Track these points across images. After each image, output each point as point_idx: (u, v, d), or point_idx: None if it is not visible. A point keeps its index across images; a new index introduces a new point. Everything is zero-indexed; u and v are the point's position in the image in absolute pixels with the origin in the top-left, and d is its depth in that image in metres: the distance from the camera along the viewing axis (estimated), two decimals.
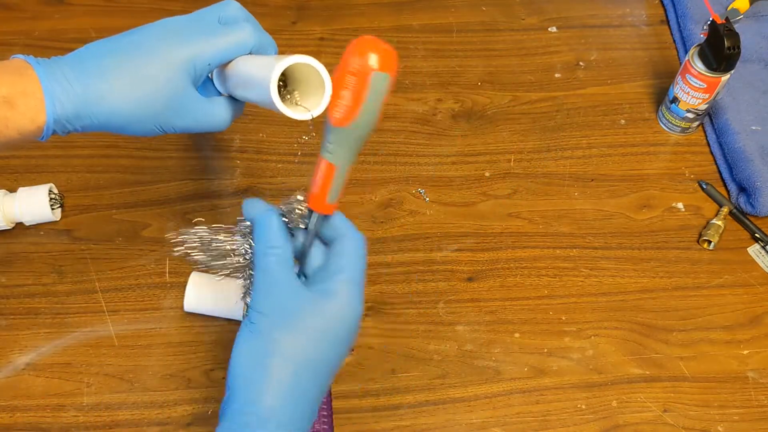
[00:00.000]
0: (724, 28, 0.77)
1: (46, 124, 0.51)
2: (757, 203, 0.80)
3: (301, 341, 0.48)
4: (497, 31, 0.96)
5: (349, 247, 0.52)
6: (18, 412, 0.67)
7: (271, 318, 0.48)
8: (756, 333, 0.74)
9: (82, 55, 0.54)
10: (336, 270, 0.51)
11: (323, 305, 0.49)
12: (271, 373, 0.47)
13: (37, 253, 0.75)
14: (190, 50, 0.54)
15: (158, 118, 0.54)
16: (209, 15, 0.57)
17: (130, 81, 0.53)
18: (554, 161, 0.85)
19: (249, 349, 0.48)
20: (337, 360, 0.50)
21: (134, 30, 0.55)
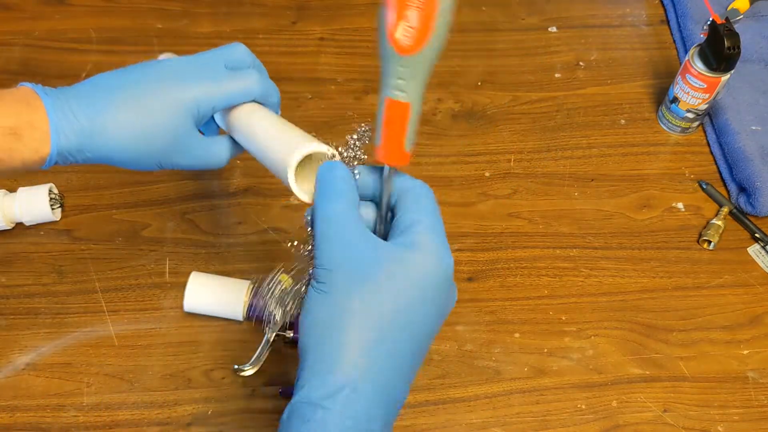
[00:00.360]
0: (724, 28, 0.77)
1: (49, 155, 0.52)
2: (757, 203, 0.80)
3: (383, 298, 0.42)
4: (497, 31, 0.96)
5: (422, 197, 0.46)
6: (18, 412, 0.67)
7: (343, 273, 0.43)
8: (756, 333, 0.74)
9: (89, 87, 0.54)
10: (412, 222, 0.45)
11: (405, 256, 0.43)
12: (350, 335, 0.41)
13: (37, 253, 0.75)
14: (195, 93, 0.55)
15: (160, 155, 0.55)
16: (216, 58, 0.57)
17: (135, 119, 0.53)
18: (554, 161, 0.85)
19: (320, 311, 0.43)
20: (431, 319, 0.44)
21: (142, 66, 0.56)
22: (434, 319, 0.45)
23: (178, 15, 0.94)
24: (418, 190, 0.47)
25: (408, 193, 0.47)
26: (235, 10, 0.95)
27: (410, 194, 0.46)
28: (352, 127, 0.86)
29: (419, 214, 0.45)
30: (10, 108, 0.51)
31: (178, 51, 0.90)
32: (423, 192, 0.47)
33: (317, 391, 0.41)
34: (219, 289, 0.71)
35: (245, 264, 0.75)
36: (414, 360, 0.44)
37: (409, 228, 0.45)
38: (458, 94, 0.90)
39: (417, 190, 0.47)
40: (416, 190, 0.47)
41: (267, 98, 0.59)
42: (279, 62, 0.91)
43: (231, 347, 0.71)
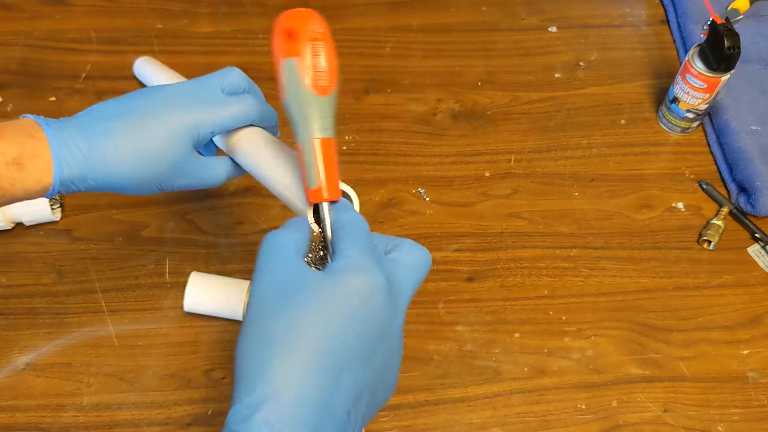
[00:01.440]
0: (724, 28, 0.77)
1: (52, 185, 0.53)
2: (757, 203, 0.80)
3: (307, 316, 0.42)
4: (497, 31, 0.96)
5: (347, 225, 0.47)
6: (18, 412, 0.67)
7: (271, 299, 0.43)
8: (756, 333, 0.74)
9: (89, 117, 0.55)
10: (340, 251, 0.46)
11: (327, 279, 0.43)
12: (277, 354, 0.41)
13: (37, 253, 0.75)
14: (194, 118, 0.55)
15: (160, 179, 0.56)
16: (213, 83, 0.58)
17: (135, 146, 0.54)
18: (554, 161, 0.85)
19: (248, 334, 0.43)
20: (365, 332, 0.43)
21: (139, 93, 0.57)
22: (369, 334, 0.44)
23: (178, 15, 0.94)
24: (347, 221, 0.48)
25: (340, 227, 0.48)
26: (235, 10, 0.95)
27: (341, 226, 0.48)
28: (352, 128, 0.86)
29: (346, 242, 0.46)
30: (13, 139, 0.52)
31: (178, 51, 0.91)
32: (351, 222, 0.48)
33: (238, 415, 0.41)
34: (219, 289, 0.71)
35: (245, 264, 0.75)
36: (353, 374, 0.43)
37: (336, 256, 0.45)
38: (458, 94, 0.90)
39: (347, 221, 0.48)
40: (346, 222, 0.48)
41: (265, 122, 0.60)
42: None
43: (231, 347, 0.71)
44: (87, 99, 0.86)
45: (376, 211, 0.80)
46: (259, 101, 0.60)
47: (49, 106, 0.85)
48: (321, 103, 0.48)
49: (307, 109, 0.48)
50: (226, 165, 0.60)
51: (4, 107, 0.85)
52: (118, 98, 0.56)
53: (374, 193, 0.81)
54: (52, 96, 0.86)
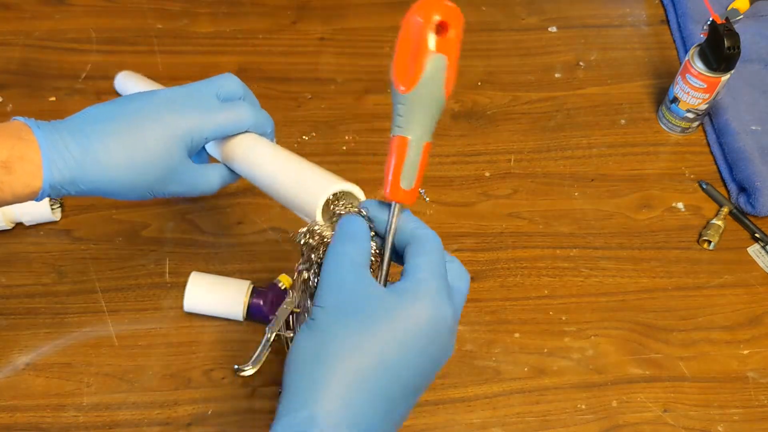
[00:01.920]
0: (724, 28, 0.77)
1: (41, 189, 0.52)
2: (757, 203, 0.80)
3: (369, 340, 0.42)
4: (497, 31, 0.96)
5: (427, 244, 0.46)
6: (18, 412, 0.67)
7: (333, 313, 0.43)
8: (756, 333, 0.74)
9: (81, 120, 0.54)
10: (412, 269, 0.45)
11: (396, 302, 0.43)
12: (328, 375, 0.41)
13: (37, 253, 0.75)
14: (188, 124, 0.55)
15: (152, 185, 0.55)
16: (208, 89, 0.58)
17: (127, 151, 0.53)
18: (554, 161, 0.85)
19: (306, 346, 0.43)
20: (420, 369, 0.43)
21: (133, 97, 0.56)
22: (424, 369, 0.44)
23: (178, 15, 0.94)
24: (423, 236, 0.47)
25: (414, 239, 0.47)
26: (235, 10, 0.95)
27: (416, 240, 0.46)
28: (352, 128, 0.86)
29: (420, 262, 0.45)
30: (2, 142, 0.51)
31: (178, 51, 0.91)
32: (429, 239, 0.46)
33: (288, 429, 0.41)
34: (219, 289, 0.71)
35: (245, 264, 0.75)
36: (397, 406, 0.43)
37: (408, 275, 0.45)
38: (458, 94, 0.90)
39: (423, 236, 0.47)
40: (422, 237, 0.47)
41: (260, 129, 0.59)
42: (279, 62, 0.91)
43: (231, 347, 0.71)
44: (87, 99, 0.86)
45: None
46: (254, 108, 0.59)
47: (49, 106, 0.85)
48: (442, 106, 0.47)
49: (433, 108, 0.46)
50: (220, 171, 0.60)
51: (4, 107, 0.85)
52: (111, 101, 0.55)
53: (374, 193, 0.81)
54: (52, 96, 0.86)
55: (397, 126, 0.47)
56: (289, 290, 0.65)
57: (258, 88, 0.88)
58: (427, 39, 0.44)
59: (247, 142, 0.58)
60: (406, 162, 0.47)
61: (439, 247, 0.46)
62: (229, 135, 0.58)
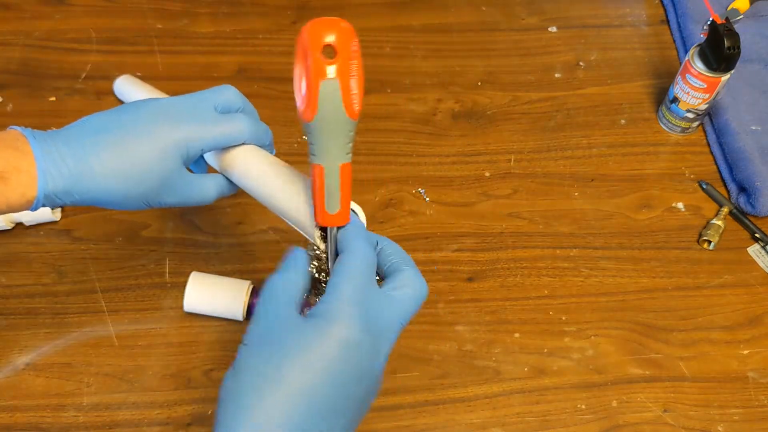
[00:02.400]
0: (724, 28, 0.77)
1: (36, 199, 0.52)
2: (757, 203, 0.80)
3: (283, 370, 0.43)
4: (497, 31, 0.96)
5: (345, 262, 0.47)
6: (18, 412, 0.67)
7: (251, 347, 0.45)
8: (756, 333, 0.74)
9: (77, 130, 0.54)
10: (329, 289, 0.46)
11: (306, 332, 0.44)
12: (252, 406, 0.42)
13: (37, 253, 0.75)
14: (184, 135, 0.54)
15: (147, 195, 0.55)
16: (206, 100, 0.57)
17: (123, 162, 0.53)
18: (554, 161, 0.85)
19: (227, 384, 0.45)
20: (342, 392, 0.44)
21: (130, 107, 0.55)
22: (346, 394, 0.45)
23: (178, 15, 0.94)
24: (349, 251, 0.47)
25: (342, 254, 0.47)
26: (235, 10, 0.95)
27: (343, 255, 0.47)
28: None
29: (337, 281, 0.46)
30: None
31: (178, 51, 0.91)
32: (348, 256, 0.47)
33: None
34: (219, 289, 0.71)
35: (245, 264, 0.75)
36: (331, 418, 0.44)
37: (325, 296, 0.46)
38: (458, 94, 0.90)
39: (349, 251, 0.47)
40: (348, 252, 0.47)
41: (258, 141, 0.59)
42: (279, 62, 0.91)
43: (231, 347, 0.71)
44: (87, 99, 0.86)
45: (376, 211, 0.80)
46: (253, 120, 0.59)
47: (49, 106, 0.85)
48: (352, 126, 0.46)
49: (340, 132, 0.46)
50: (217, 182, 0.59)
51: (4, 107, 0.85)
52: (108, 111, 0.55)
53: (374, 193, 0.81)
54: (52, 96, 0.86)
55: (311, 154, 0.47)
56: None
57: (258, 88, 0.88)
58: (315, 66, 0.44)
59: (244, 155, 0.58)
60: (327, 188, 0.47)
61: (356, 260, 0.47)
62: (226, 147, 0.58)
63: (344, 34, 0.45)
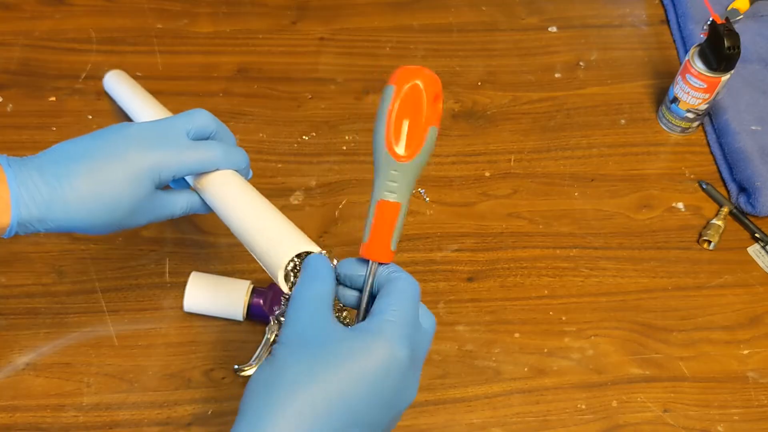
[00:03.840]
0: (724, 28, 0.77)
1: (9, 226, 0.52)
2: (757, 203, 0.80)
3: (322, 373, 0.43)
4: (497, 31, 0.96)
5: (398, 287, 0.48)
6: (18, 412, 0.67)
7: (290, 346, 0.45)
8: (756, 333, 0.74)
9: (51, 158, 0.54)
10: (379, 310, 0.46)
11: (352, 341, 0.44)
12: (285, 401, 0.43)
13: (37, 253, 0.75)
14: (155, 162, 0.55)
15: (120, 221, 0.56)
16: (178, 126, 0.58)
17: (94, 190, 0.54)
18: (554, 161, 0.85)
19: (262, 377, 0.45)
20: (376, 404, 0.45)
21: (102, 133, 0.56)
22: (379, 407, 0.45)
23: (178, 15, 0.94)
24: (400, 279, 0.48)
25: (388, 281, 0.48)
26: (235, 10, 0.95)
27: (389, 282, 0.48)
28: (352, 128, 0.86)
29: (387, 303, 0.46)
30: None
31: (178, 51, 0.91)
32: (403, 283, 0.48)
33: None
34: (219, 289, 0.71)
35: (245, 264, 0.75)
36: None
37: (372, 316, 0.46)
38: (458, 94, 0.90)
39: (400, 279, 0.48)
40: (399, 280, 0.48)
41: (232, 166, 0.60)
42: (279, 62, 0.91)
43: (231, 347, 0.71)
44: (87, 99, 0.86)
45: None
46: (226, 146, 0.59)
47: (49, 106, 0.85)
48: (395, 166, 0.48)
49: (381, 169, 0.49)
50: (189, 200, 0.60)
51: (4, 107, 0.85)
52: (81, 137, 0.56)
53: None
54: (52, 96, 0.86)
55: (388, 191, 0.48)
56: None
57: (258, 88, 0.88)
58: (430, 114, 0.48)
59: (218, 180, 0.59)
60: (397, 226, 0.49)
61: (410, 288, 0.48)
62: (198, 173, 0.59)
63: (439, 84, 0.49)
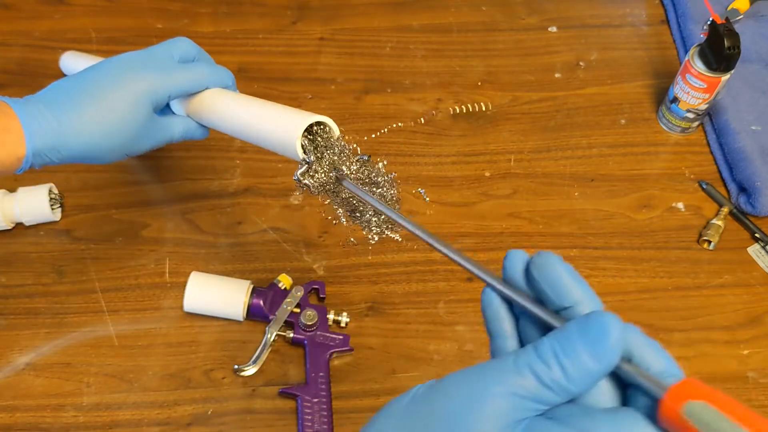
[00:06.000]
0: (724, 28, 0.77)
1: (25, 156, 0.55)
2: (757, 203, 0.80)
3: None
4: (497, 31, 0.96)
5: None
6: (18, 412, 0.67)
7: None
8: (756, 333, 0.74)
9: (54, 92, 0.58)
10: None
11: None
12: None
13: (37, 253, 0.75)
14: (150, 84, 0.59)
15: (126, 145, 0.60)
16: (165, 51, 0.62)
17: (98, 116, 0.57)
18: (554, 161, 0.85)
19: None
20: None
21: (96, 66, 0.60)
22: None
23: (178, 15, 0.94)
24: None
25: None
26: (235, 10, 0.95)
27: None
28: (352, 128, 0.86)
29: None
30: None
31: None
32: None
33: None
34: (219, 289, 0.71)
35: (245, 264, 0.75)
36: None
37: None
38: (458, 94, 0.90)
39: None
40: None
41: (221, 84, 0.64)
42: (279, 62, 0.91)
43: (231, 347, 0.71)
44: None
45: None
46: (212, 67, 0.64)
47: None
48: None
49: None
50: (185, 123, 0.64)
51: None
52: (75, 74, 0.60)
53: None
54: None
55: None
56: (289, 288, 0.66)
57: (258, 88, 0.88)
58: None
59: (210, 96, 0.63)
60: None
61: None
62: (191, 92, 0.63)
63: None
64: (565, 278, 0.35)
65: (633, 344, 0.32)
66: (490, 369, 0.32)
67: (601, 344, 0.31)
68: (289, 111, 0.58)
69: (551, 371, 0.31)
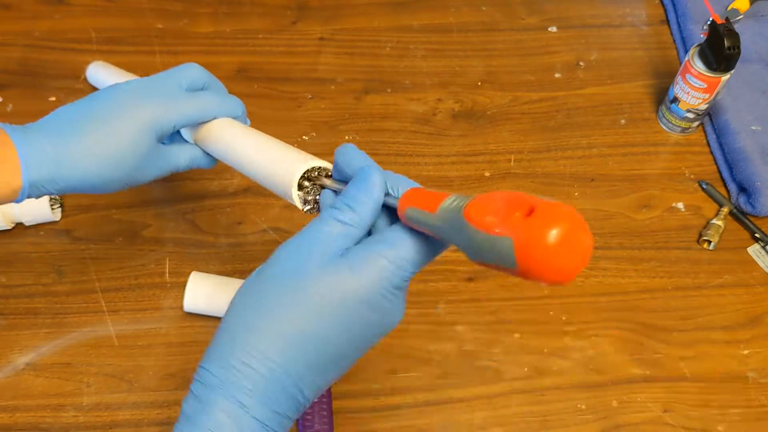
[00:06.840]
0: (724, 28, 0.77)
1: (21, 188, 0.53)
2: (757, 203, 0.80)
3: (306, 296, 0.43)
4: (497, 31, 0.96)
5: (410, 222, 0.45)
6: (18, 412, 0.67)
7: (278, 263, 0.46)
8: (756, 333, 0.74)
9: (53, 120, 0.56)
10: (384, 235, 0.45)
11: (339, 265, 0.43)
12: (271, 320, 0.43)
13: (37, 253, 0.75)
14: (155, 114, 0.57)
15: (127, 176, 0.57)
16: (171, 79, 0.60)
17: (99, 147, 0.55)
18: (554, 161, 0.85)
19: (240, 296, 0.46)
20: (351, 345, 0.45)
21: (100, 93, 0.58)
22: (364, 339, 0.46)
23: (178, 15, 0.94)
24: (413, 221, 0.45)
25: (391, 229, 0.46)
26: (235, 10, 0.95)
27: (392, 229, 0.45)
28: (352, 128, 0.86)
29: (392, 230, 0.45)
30: None
31: (178, 51, 0.91)
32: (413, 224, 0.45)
33: (222, 369, 0.44)
34: (219, 289, 0.71)
35: (245, 264, 0.75)
36: (334, 364, 0.45)
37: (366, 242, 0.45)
38: (458, 94, 0.90)
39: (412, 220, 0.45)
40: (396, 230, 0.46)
41: (230, 114, 0.61)
42: (279, 62, 0.91)
43: None
44: None
45: None
46: (220, 95, 0.61)
47: (49, 106, 0.85)
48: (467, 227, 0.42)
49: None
50: (191, 152, 0.62)
51: (4, 107, 0.85)
52: (79, 100, 0.57)
53: None
54: (53, 96, 0.86)
55: (439, 221, 0.43)
56: None
57: (258, 88, 0.88)
58: None
59: (217, 126, 0.60)
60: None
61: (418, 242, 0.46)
62: (197, 122, 0.60)
63: None
64: (351, 154, 0.48)
65: (391, 183, 0.47)
66: (311, 226, 0.45)
67: (367, 184, 0.45)
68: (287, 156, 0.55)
69: (343, 213, 0.45)
